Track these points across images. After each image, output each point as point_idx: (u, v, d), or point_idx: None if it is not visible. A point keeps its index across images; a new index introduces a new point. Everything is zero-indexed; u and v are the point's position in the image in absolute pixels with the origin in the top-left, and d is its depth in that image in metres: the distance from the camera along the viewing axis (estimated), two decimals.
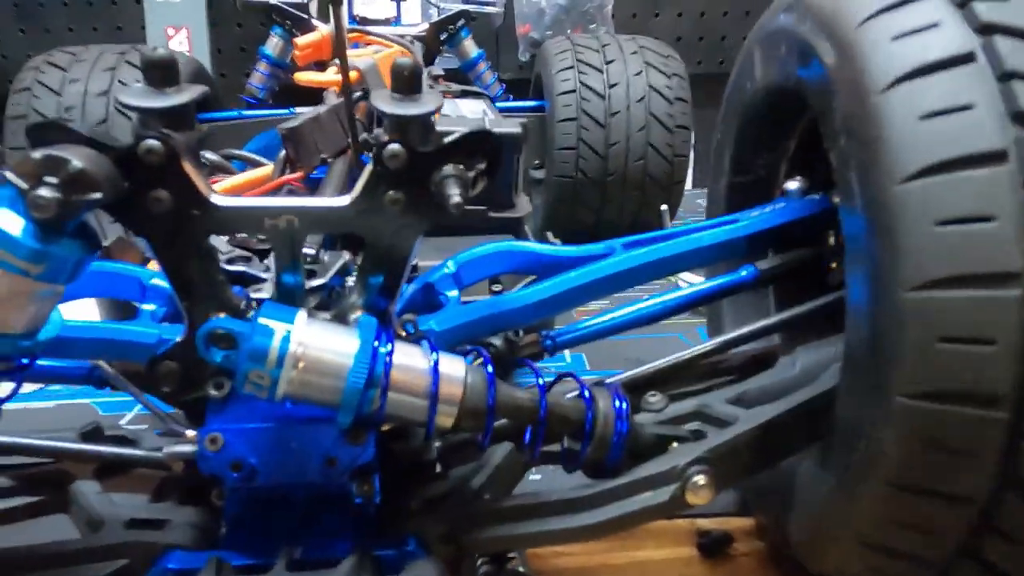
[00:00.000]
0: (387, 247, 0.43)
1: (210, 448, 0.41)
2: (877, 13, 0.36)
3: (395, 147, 0.41)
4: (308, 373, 0.38)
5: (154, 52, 0.40)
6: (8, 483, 0.46)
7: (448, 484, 0.48)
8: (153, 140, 0.38)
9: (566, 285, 0.50)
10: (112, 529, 0.43)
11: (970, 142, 0.31)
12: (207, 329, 0.38)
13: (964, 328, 0.30)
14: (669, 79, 1.35)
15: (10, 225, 0.33)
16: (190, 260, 0.42)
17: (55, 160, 0.34)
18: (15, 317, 0.35)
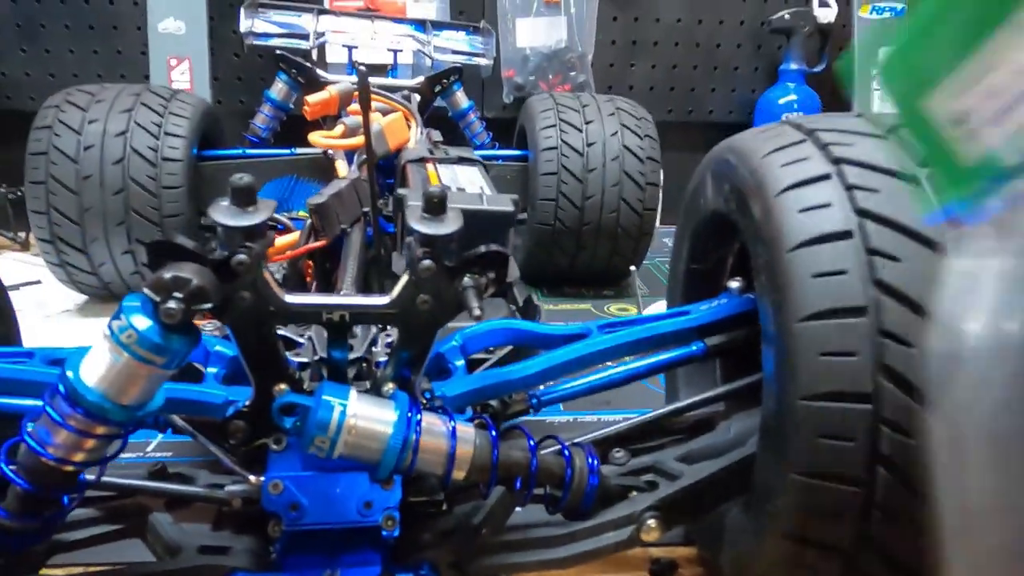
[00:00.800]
0: (415, 335, 0.55)
1: (272, 492, 0.52)
2: (790, 188, 0.50)
3: (428, 263, 0.53)
4: (358, 438, 0.50)
5: (240, 180, 0.52)
6: (95, 513, 0.57)
7: (453, 520, 0.59)
8: (243, 254, 0.50)
9: (553, 361, 0.62)
10: (187, 554, 0.53)
11: (843, 298, 0.44)
12: (282, 403, 0.50)
13: (836, 430, 0.44)
14: (642, 140, 1.49)
15: (144, 327, 0.44)
16: (262, 343, 0.53)
17: (180, 280, 0.45)
18: (135, 394, 0.46)
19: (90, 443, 0.47)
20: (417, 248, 0.54)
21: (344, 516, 0.53)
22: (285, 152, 1.48)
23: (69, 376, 0.45)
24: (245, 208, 0.52)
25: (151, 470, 0.59)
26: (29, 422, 0.48)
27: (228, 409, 0.56)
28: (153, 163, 1.30)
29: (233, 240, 0.51)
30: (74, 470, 0.47)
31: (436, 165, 1.06)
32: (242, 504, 0.57)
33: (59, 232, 1.30)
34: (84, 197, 1.28)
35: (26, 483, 0.47)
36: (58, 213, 1.29)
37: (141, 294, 0.45)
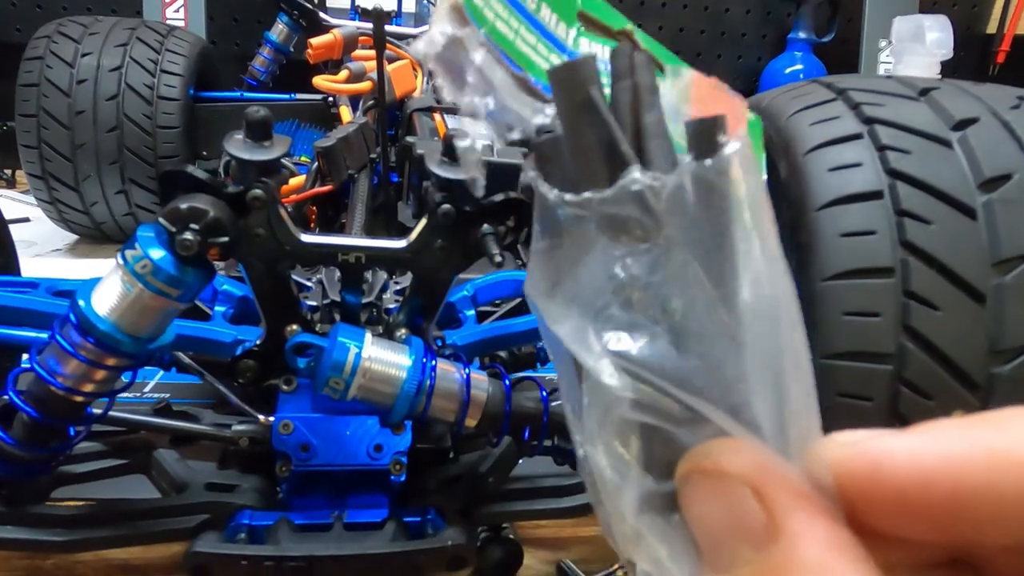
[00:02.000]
0: (431, 281, 0.54)
1: (283, 432, 0.52)
2: (819, 147, 0.49)
3: (447, 207, 0.52)
4: (372, 381, 0.49)
5: (256, 113, 0.50)
6: (99, 447, 0.56)
7: (460, 468, 0.60)
8: (258, 189, 0.48)
9: None
10: (195, 490, 0.53)
11: (870, 258, 0.44)
12: (296, 342, 0.49)
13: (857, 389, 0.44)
14: None
15: (160, 258, 0.43)
16: (275, 282, 0.52)
17: (197, 211, 0.44)
18: (148, 326, 0.45)
19: (100, 374, 0.46)
20: (435, 192, 0.53)
21: (354, 458, 0.53)
22: (284, 97, 1.44)
23: (81, 305, 0.44)
24: (261, 143, 0.50)
25: (155, 407, 0.59)
26: (37, 351, 0.47)
27: (237, 348, 0.55)
28: (149, 101, 1.26)
29: (248, 174, 0.49)
30: (83, 401, 0.46)
31: (443, 115, 1.04)
32: (249, 443, 0.56)
33: (50, 168, 1.27)
34: (77, 133, 1.25)
35: (34, 411, 0.46)
36: (49, 148, 1.25)
37: (156, 224, 0.44)
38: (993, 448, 0.13)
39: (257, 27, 1.88)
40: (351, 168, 0.82)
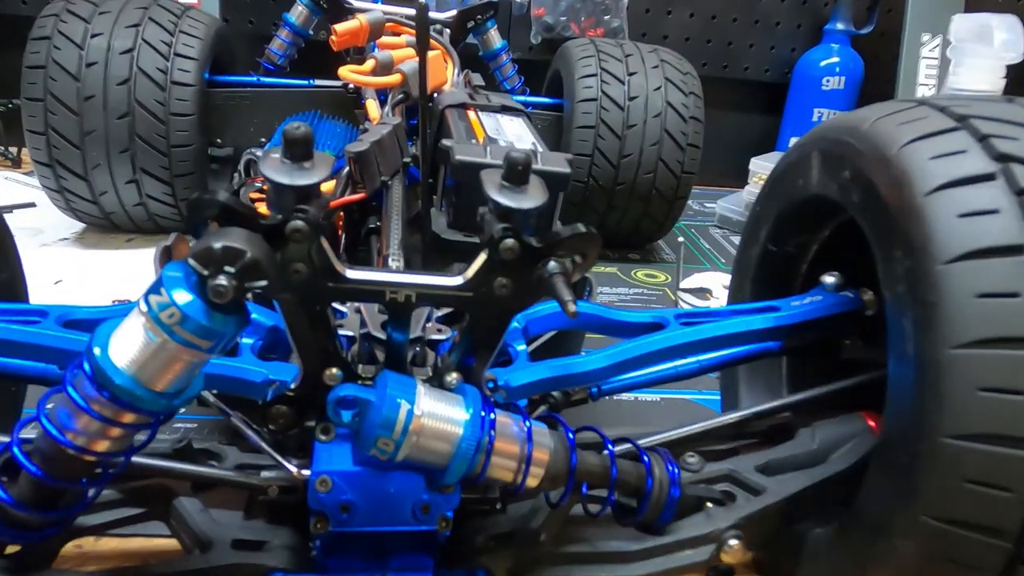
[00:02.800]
0: (488, 322, 0.48)
1: (320, 489, 0.46)
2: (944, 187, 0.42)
3: (511, 242, 0.45)
4: (426, 440, 0.44)
5: (297, 131, 0.44)
6: (114, 495, 0.51)
7: (510, 522, 0.54)
8: (299, 221, 0.42)
9: (627, 355, 0.56)
10: (220, 549, 0.48)
11: (1014, 326, 0.38)
12: (338, 396, 0.43)
13: (990, 476, 0.38)
14: (686, 97, 1.39)
15: (188, 305, 0.37)
16: (314, 323, 0.46)
17: (233, 251, 0.38)
18: (172, 380, 0.40)
19: (116, 432, 0.40)
20: (495, 223, 0.47)
21: (398, 520, 0.47)
22: (303, 83, 1.37)
23: (96, 354, 0.38)
24: (301, 163, 0.44)
25: (175, 446, 0.53)
26: (47, 400, 0.41)
27: (268, 390, 0.50)
28: (162, 86, 1.19)
29: (286, 201, 0.43)
30: (94, 461, 0.41)
31: (478, 113, 0.97)
32: (279, 492, 0.51)
33: (58, 155, 1.20)
34: (86, 119, 1.18)
35: (39, 471, 0.41)
36: (57, 135, 1.18)
37: (184, 264, 0.38)
38: None
39: (272, 6, 1.80)
40: (384, 174, 0.76)
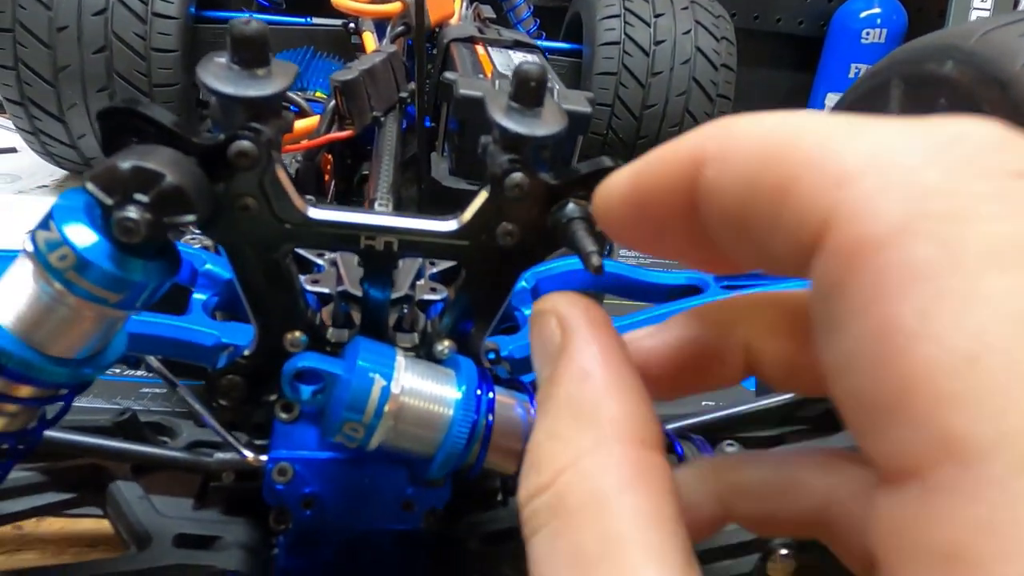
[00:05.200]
0: (489, 279, 0.39)
1: (279, 479, 0.38)
2: None
3: (519, 176, 0.35)
4: (406, 424, 0.35)
5: (247, 27, 0.34)
6: (38, 478, 0.42)
7: (510, 518, 0.45)
8: (246, 141, 0.33)
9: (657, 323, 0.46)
10: (161, 547, 0.39)
11: None
12: (298, 367, 0.34)
13: None
14: (718, 42, 1.27)
15: (88, 245, 0.28)
16: (271, 274, 0.37)
17: (146, 174, 0.28)
18: (75, 343, 0.31)
19: (9, 407, 0.31)
20: (500, 154, 0.37)
21: (375, 517, 0.39)
22: (300, 20, 1.26)
23: None
24: (252, 70, 0.34)
25: (117, 419, 0.45)
26: None
27: (221, 356, 0.41)
28: (142, 18, 1.09)
29: (233, 117, 0.34)
30: None
31: (488, 47, 0.86)
32: (235, 478, 0.42)
33: (30, 93, 1.11)
34: (59, 52, 1.08)
35: None
36: (28, 70, 1.09)
37: (83, 191, 0.28)
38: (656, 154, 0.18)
39: None
40: (376, 109, 0.66)
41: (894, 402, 0.12)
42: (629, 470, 0.17)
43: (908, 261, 0.12)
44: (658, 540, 0.16)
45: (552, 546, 0.16)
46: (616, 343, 0.20)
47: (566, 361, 0.19)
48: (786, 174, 0.14)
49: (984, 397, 0.11)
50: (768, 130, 0.15)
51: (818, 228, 0.13)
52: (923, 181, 0.12)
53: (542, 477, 0.17)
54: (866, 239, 0.12)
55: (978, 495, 0.11)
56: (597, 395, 0.18)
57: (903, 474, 0.12)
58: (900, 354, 0.12)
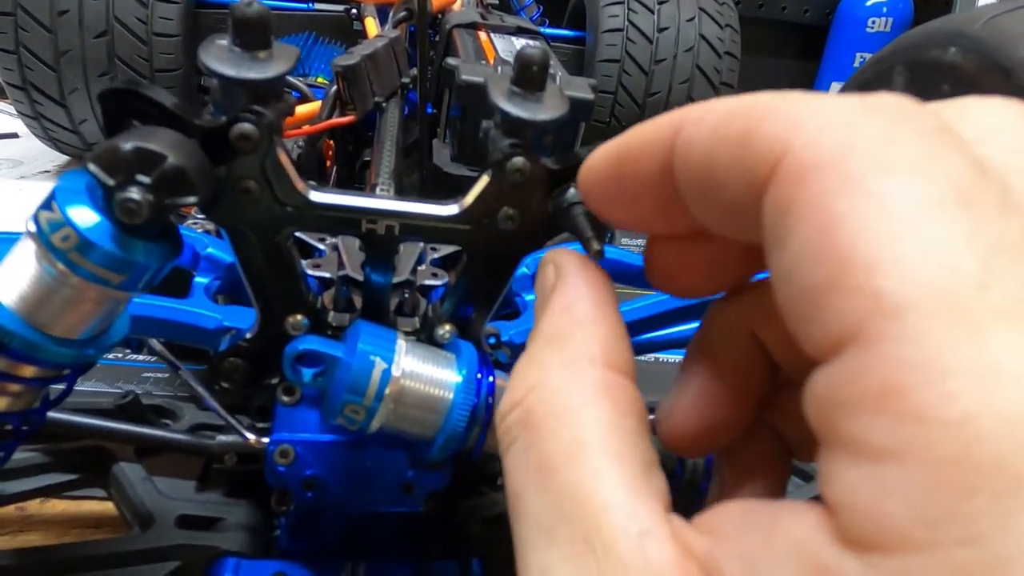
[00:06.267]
0: (490, 263, 0.39)
1: (280, 461, 0.38)
2: None
3: (520, 160, 0.35)
4: (407, 407, 0.35)
5: (249, 8, 0.34)
6: (41, 459, 0.43)
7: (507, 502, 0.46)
8: (247, 123, 0.33)
9: (660, 308, 0.46)
10: (163, 528, 0.40)
11: None
12: (300, 350, 0.34)
13: None
14: (722, 30, 1.26)
15: (90, 226, 0.28)
16: (272, 257, 0.37)
17: (148, 155, 0.28)
18: (78, 324, 0.31)
19: (13, 387, 0.31)
20: (501, 138, 0.37)
21: (376, 500, 0.39)
22: (302, 6, 1.25)
23: None
24: (254, 52, 0.34)
25: (120, 402, 0.45)
26: None
27: (223, 340, 0.41)
28: (143, 2, 1.08)
29: (234, 100, 0.33)
30: None
31: (490, 33, 0.85)
32: (238, 460, 0.43)
33: (32, 77, 1.10)
34: (60, 37, 1.07)
35: None
36: (29, 54, 1.08)
37: (86, 171, 0.28)
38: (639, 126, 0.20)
39: None
40: (378, 94, 0.65)
41: (832, 280, 0.14)
42: (593, 387, 0.18)
43: (842, 173, 0.14)
44: (618, 446, 0.17)
45: (522, 456, 0.18)
46: (602, 284, 0.22)
47: (554, 297, 0.22)
48: (748, 123, 0.16)
49: (905, 261, 0.13)
50: (738, 98, 0.17)
51: (772, 163, 0.15)
52: (857, 121, 0.15)
53: (514, 395, 0.19)
54: (810, 161, 0.15)
55: (903, 338, 0.13)
56: (573, 324, 0.20)
57: (839, 342, 0.14)
58: (836, 239, 0.14)
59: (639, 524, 0.16)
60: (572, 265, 0.23)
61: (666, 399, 0.23)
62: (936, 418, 0.12)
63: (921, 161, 0.14)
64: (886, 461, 0.12)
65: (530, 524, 0.18)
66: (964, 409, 0.12)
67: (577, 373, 0.19)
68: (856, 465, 0.13)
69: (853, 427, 0.13)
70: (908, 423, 0.12)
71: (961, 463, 0.12)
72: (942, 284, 0.13)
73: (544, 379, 0.19)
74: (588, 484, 0.17)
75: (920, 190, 0.14)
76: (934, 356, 0.12)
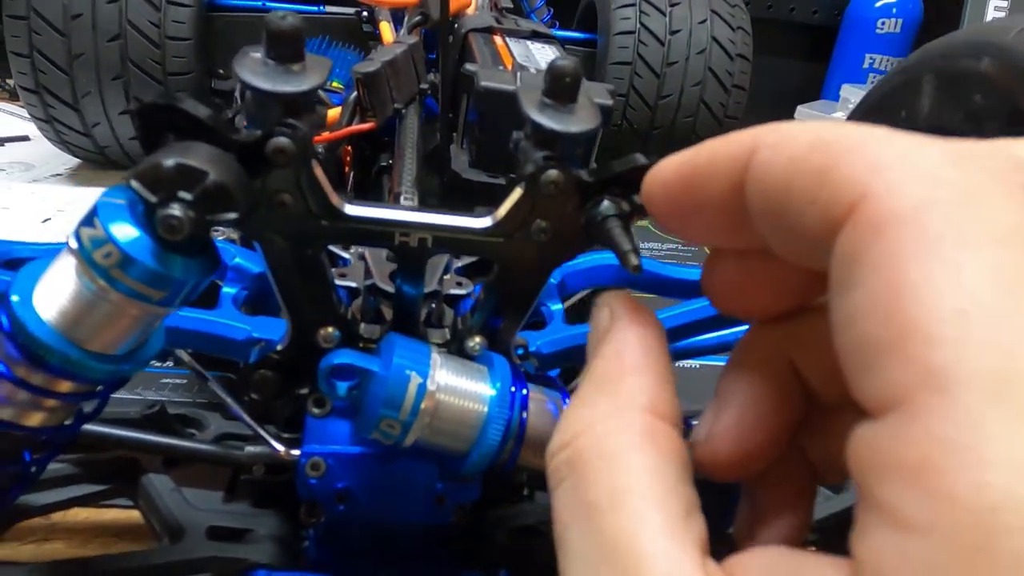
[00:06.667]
0: (522, 275, 0.39)
1: (311, 473, 0.38)
2: None
3: (555, 173, 0.35)
4: (442, 421, 0.35)
5: (284, 22, 0.33)
6: (70, 469, 0.43)
7: (538, 514, 0.46)
8: (283, 137, 0.32)
9: (687, 319, 0.46)
10: (193, 540, 0.40)
11: None
12: (332, 364, 0.34)
13: None
14: (734, 32, 1.26)
15: (132, 243, 0.28)
16: (305, 270, 0.37)
17: (189, 172, 0.28)
18: (116, 340, 0.31)
19: (49, 403, 0.31)
20: (533, 150, 0.37)
21: (407, 512, 0.39)
22: (314, 9, 1.25)
23: (15, 302, 0.29)
24: (288, 65, 0.34)
25: (146, 412, 0.45)
26: None
27: (252, 351, 0.41)
28: (156, 6, 1.08)
29: (269, 113, 0.33)
30: (26, 436, 0.32)
31: (506, 38, 0.85)
32: (266, 471, 0.43)
33: (45, 81, 1.11)
34: (73, 40, 1.08)
35: None
36: (43, 58, 1.08)
37: (127, 188, 0.28)
38: (711, 141, 0.20)
39: None
40: (397, 101, 0.65)
41: (892, 343, 0.14)
42: (639, 434, 0.19)
43: (920, 232, 0.14)
44: (661, 492, 0.18)
45: (569, 497, 0.19)
46: (654, 332, 0.22)
47: (605, 343, 0.22)
48: (829, 159, 0.16)
49: (966, 340, 0.13)
50: (818, 127, 0.17)
51: (849, 204, 0.15)
52: (943, 174, 0.14)
53: (564, 436, 0.20)
54: (889, 212, 0.14)
55: (948, 417, 0.13)
56: (623, 371, 0.21)
57: (888, 404, 0.14)
58: (903, 303, 0.14)
59: (677, 572, 0.16)
60: (626, 310, 0.23)
61: (702, 423, 0.23)
62: (966, 504, 0.12)
63: (1003, 231, 0.14)
64: (913, 533, 0.13)
65: (574, 560, 0.18)
66: (994, 499, 0.12)
67: (624, 419, 0.19)
68: (886, 528, 0.13)
69: (888, 492, 0.13)
70: (939, 502, 0.12)
71: (983, 550, 0.12)
72: (997, 369, 0.12)
73: (592, 423, 0.20)
74: (630, 529, 0.17)
75: (996, 265, 0.13)
76: (975, 441, 0.12)
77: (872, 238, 0.14)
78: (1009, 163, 0.15)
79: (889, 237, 0.14)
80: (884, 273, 0.14)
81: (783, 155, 0.17)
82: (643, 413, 0.20)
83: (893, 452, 0.13)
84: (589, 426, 0.19)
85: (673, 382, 0.21)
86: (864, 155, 0.15)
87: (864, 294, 0.14)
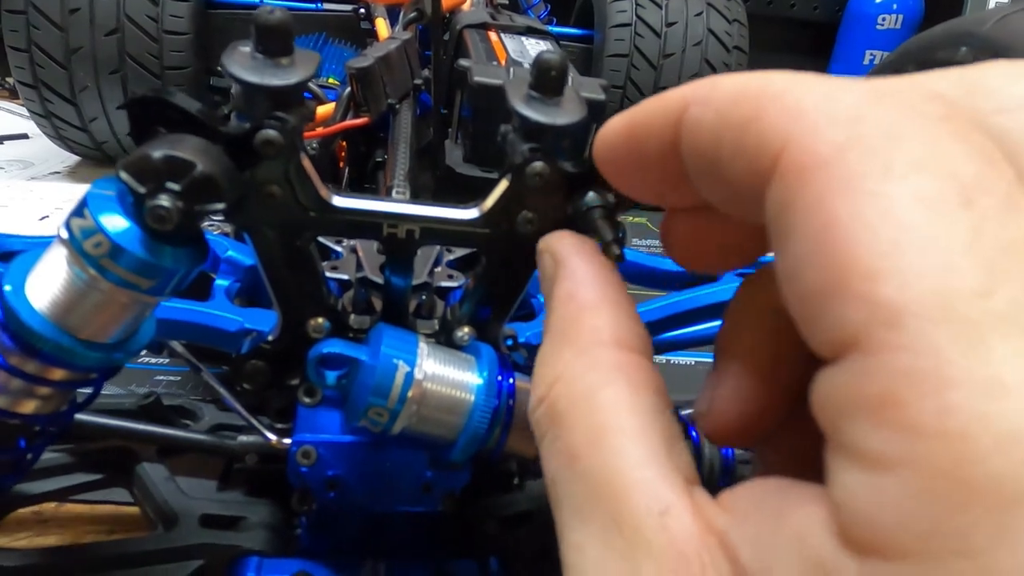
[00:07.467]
0: (509, 266, 0.39)
1: (302, 462, 0.39)
2: None
3: (540, 165, 0.36)
4: (429, 410, 0.35)
5: (271, 16, 0.34)
6: (65, 459, 0.43)
7: (528, 502, 0.46)
8: (272, 130, 0.33)
9: (673, 310, 0.47)
10: (186, 527, 0.40)
11: None
12: (321, 353, 0.35)
13: None
14: (730, 24, 1.26)
15: (121, 233, 0.29)
16: (295, 261, 0.37)
17: (177, 163, 0.29)
18: (107, 328, 0.31)
19: (43, 390, 0.32)
20: (520, 142, 0.37)
21: (396, 499, 0.39)
22: (311, 6, 1.25)
23: (7, 292, 0.30)
24: (277, 59, 0.34)
25: (142, 403, 0.45)
26: None
27: (244, 342, 0.41)
28: (154, 0, 1.09)
29: (258, 106, 0.34)
30: (20, 424, 0.33)
31: (500, 34, 0.85)
32: (259, 460, 0.43)
33: (43, 75, 1.11)
34: (71, 34, 1.08)
35: None
36: (40, 51, 1.09)
37: (117, 179, 0.29)
38: (649, 99, 0.19)
39: None
40: (391, 96, 0.66)
41: (834, 285, 0.13)
42: (607, 370, 0.19)
43: (844, 171, 0.14)
44: (638, 425, 0.17)
45: (552, 448, 0.19)
46: (601, 264, 0.22)
47: (556, 287, 0.22)
48: (753, 108, 0.16)
49: (904, 269, 0.13)
50: (746, 79, 0.17)
51: (774, 154, 0.15)
52: (862, 114, 0.14)
53: (539, 391, 0.20)
54: (812, 157, 0.14)
55: (902, 346, 0.12)
56: (579, 311, 0.20)
57: (842, 346, 0.14)
58: (838, 244, 0.13)
59: (661, 502, 0.16)
60: (568, 249, 0.23)
61: (703, 393, 0.23)
62: (933, 431, 0.12)
63: (923, 157, 0.13)
64: (883, 470, 0.12)
65: (565, 507, 0.18)
66: (961, 423, 0.12)
67: (589, 359, 0.19)
68: (855, 470, 0.13)
69: (853, 432, 0.13)
70: (905, 434, 0.12)
71: (956, 477, 0.12)
72: (941, 291, 0.12)
73: (561, 371, 0.19)
74: (611, 465, 0.17)
75: (920, 190, 0.13)
76: (933, 367, 0.12)
77: (798, 185, 0.14)
78: (926, 95, 0.15)
79: (815, 181, 0.14)
80: (814, 218, 0.14)
81: (711, 109, 0.17)
82: (607, 348, 0.19)
83: (853, 392, 0.13)
84: (558, 375, 0.19)
85: (634, 308, 0.21)
86: (785, 102, 0.15)
87: (799, 242, 0.14)
